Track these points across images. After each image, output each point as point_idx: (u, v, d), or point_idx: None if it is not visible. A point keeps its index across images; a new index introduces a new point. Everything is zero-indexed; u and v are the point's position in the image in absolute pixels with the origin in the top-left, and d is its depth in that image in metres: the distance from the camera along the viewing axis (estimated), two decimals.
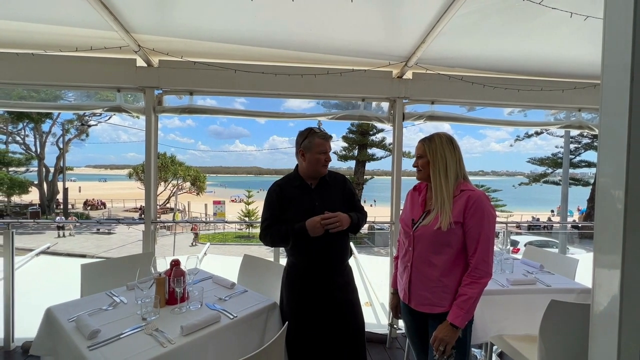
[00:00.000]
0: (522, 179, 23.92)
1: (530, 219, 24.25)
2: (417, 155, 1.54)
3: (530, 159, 20.98)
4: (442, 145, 1.46)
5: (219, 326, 1.50)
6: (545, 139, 54.84)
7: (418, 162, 1.53)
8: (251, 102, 28.95)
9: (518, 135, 20.51)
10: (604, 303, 0.72)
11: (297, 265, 1.76)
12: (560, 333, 1.65)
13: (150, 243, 2.64)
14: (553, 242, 13.04)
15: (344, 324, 1.72)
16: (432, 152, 1.46)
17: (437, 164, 1.44)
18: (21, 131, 22.27)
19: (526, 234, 16.00)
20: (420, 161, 1.52)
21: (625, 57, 0.70)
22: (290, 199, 1.76)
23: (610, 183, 0.72)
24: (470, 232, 1.36)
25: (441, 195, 1.41)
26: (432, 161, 1.46)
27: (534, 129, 17.94)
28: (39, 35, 2.30)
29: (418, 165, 1.53)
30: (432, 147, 1.47)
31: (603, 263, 0.73)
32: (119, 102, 2.69)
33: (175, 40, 2.40)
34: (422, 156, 1.51)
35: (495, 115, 3.20)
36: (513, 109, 3.73)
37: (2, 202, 23.56)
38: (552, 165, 20.44)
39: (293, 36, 2.39)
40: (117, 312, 1.59)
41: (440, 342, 1.36)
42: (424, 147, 1.50)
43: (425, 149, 1.49)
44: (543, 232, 17.84)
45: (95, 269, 2.12)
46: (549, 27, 2.20)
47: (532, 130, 19.51)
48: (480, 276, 1.35)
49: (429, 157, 1.47)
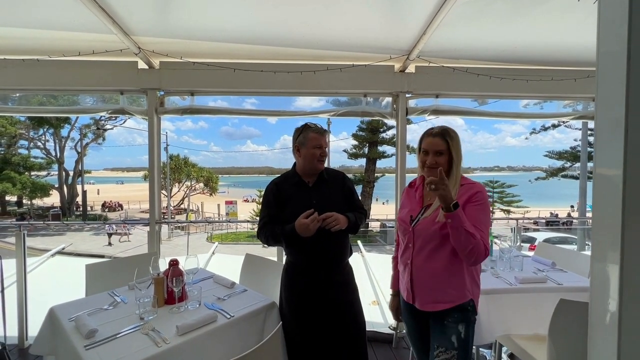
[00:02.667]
0: (539, 173, 23.20)
1: (549, 214, 23.49)
2: (437, 152, 1.38)
3: (548, 152, 20.31)
4: (459, 140, 1.41)
5: (216, 326, 1.49)
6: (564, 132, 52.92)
7: (437, 159, 1.37)
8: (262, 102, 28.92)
9: (534, 128, 19.84)
10: (602, 303, 0.67)
11: (295, 264, 1.74)
12: (570, 333, 1.57)
13: (155, 243, 2.67)
14: (572, 239, 12.59)
15: (343, 323, 1.69)
16: (456, 148, 1.37)
17: (459, 161, 1.37)
18: (42, 137, 23.16)
19: (544, 230, 15.53)
20: (441, 159, 1.38)
21: (622, 44, 0.64)
22: (287, 197, 1.74)
23: (607, 177, 0.67)
24: (470, 218, 1.31)
25: (455, 190, 1.36)
26: (457, 158, 1.37)
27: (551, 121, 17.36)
28: (42, 41, 2.36)
29: (436, 162, 1.37)
30: (455, 142, 1.38)
31: (601, 261, 0.68)
32: (122, 105, 2.73)
33: (174, 42, 2.42)
34: (443, 152, 1.38)
35: (507, 108, 3.09)
36: (529, 101, 3.58)
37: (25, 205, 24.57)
38: (570, 159, 19.71)
39: (291, 33, 2.36)
40: (116, 312, 1.61)
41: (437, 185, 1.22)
42: (447, 142, 1.37)
43: (449, 145, 1.37)
44: (562, 228, 17.26)
45: (99, 269, 2.16)
46: (558, 12, 2.10)
47: (549, 123, 18.87)
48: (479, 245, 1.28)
49: (454, 154, 1.37)
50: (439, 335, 1.41)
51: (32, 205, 23.94)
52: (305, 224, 1.54)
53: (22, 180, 20.30)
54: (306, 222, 1.54)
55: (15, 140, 22.04)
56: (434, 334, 1.44)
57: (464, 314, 1.40)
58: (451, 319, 1.39)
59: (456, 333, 1.38)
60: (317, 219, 1.55)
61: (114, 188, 57.94)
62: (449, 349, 1.35)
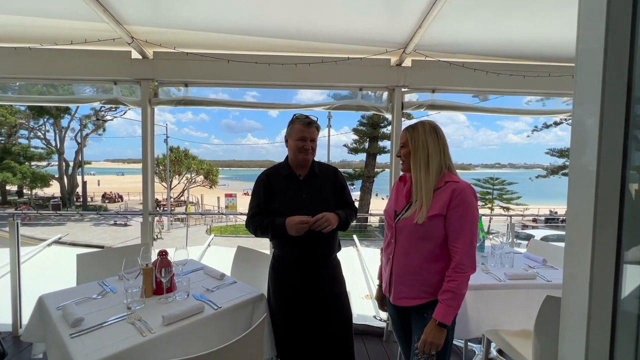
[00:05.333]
0: (540, 171, 23.16)
1: (548, 212, 23.51)
2: (400, 144, 1.47)
3: (550, 150, 20.23)
4: (425, 134, 1.37)
5: (202, 317, 1.50)
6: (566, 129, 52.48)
7: (401, 151, 1.46)
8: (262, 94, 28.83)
9: (536, 125, 19.75)
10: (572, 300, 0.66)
11: (282, 257, 1.74)
12: (556, 329, 1.57)
13: (148, 234, 2.68)
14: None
15: (331, 317, 1.70)
16: (415, 141, 1.38)
17: (418, 154, 1.37)
18: (42, 127, 23.11)
19: (543, 228, 15.55)
20: (403, 151, 1.45)
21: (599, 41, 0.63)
22: (276, 189, 1.73)
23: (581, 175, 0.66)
24: (452, 225, 1.30)
25: (420, 188, 1.35)
26: (414, 151, 1.38)
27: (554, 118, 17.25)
28: (34, 29, 2.33)
29: (401, 155, 1.46)
30: (415, 135, 1.39)
31: (573, 259, 0.67)
32: (116, 95, 2.72)
33: (167, 31, 2.39)
34: (404, 145, 1.44)
35: (509, 104, 3.06)
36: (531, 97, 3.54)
37: (26, 195, 24.64)
38: None
39: (285, 24, 2.33)
40: (104, 301, 1.62)
41: (431, 346, 1.31)
42: (407, 135, 1.42)
43: (407, 138, 1.41)
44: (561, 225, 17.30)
45: (90, 259, 2.17)
46: (556, 5, 2.06)
47: (551, 121, 18.78)
48: (465, 271, 1.29)
49: (411, 147, 1.39)
50: (419, 328, 1.41)
51: (33, 195, 23.99)
52: (296, 222, 1.56)
53: (23, 170, 20.33)
54: (297, 222, 1.56)
55: (15, 130, 22.01)
56: (415, 327, 1.45)
57: None
58: (431, 311, 1.39)
59: None
60: (307, 223, 1.56)
61: (114, 179, 58.01)
62: None
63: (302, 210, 1.65)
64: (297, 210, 1.64)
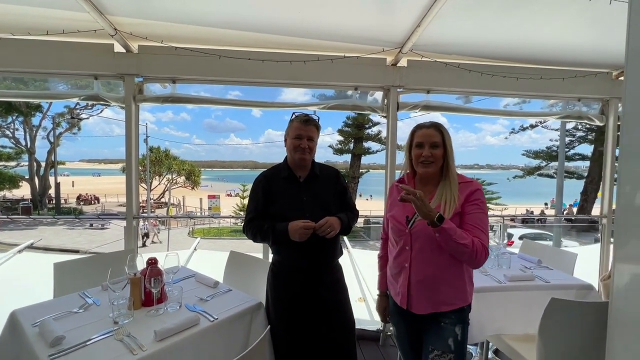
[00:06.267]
0: (517, 172, 24.01)
1: (525, 211, 24.38)
2: (432, 144, 1.34)
3: (526, 151, 21.03)
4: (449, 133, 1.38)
5: (198, 329, 1.38)
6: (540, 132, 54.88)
7: (433, 152, 1.33)
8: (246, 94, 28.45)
9: (513, 128, 20.54)
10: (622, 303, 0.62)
11: (283, 263, 1.65)
12: (561, 332, 1.56)
13: (132, 239, 2.51)
14: (547, 235, 13.11)
15: (333, 324, 1.62)
16: (449, 141, 1.35)
17: (452, 155, 1.35)
18: (10, 125, 21.78)
19: (520, 227, 16.08)
20: (436, 151, 1.34)
21: None
22: (276, 191, 1.65)
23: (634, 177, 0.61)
24: (469, 218, 1.28)
25: (453, 188, 1.32)
26: (451, 152, 1.35)
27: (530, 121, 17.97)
28: (5, 16, 2.13)
29: (432, 155, 1.33)
30: (448, 135, 1.36)
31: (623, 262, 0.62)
32: (97, 91, 2.53)
33: (154, 24, 2.24)
34: (438, 145, 1.34)
35: (492, 106, 3.09)
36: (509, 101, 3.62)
37: None
38: (546, 159, 20.55)
39: (281, 19, 2.24)
40: (87, 315, 1.48)
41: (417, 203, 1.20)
42: (442, 134, 1.35)
43: (443, 137, 1.35)
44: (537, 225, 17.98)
45: (69, 268, 2.00)
46: (554, 8, 2.08)
47: (527, 123, 19.54)
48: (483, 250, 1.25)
49: (448, 147, 1.34)
50: (435, 337, 1.35)
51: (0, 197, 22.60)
52: (299, 227, 1.48)
53: None
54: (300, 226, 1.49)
55: None
56: (428, 336, 1.38)
57: (461, 314, 1.36)
58: (448, 320, 1.34)
59: (453, 335, 1.33)
60: (310, 228, 1.49)
61: (90, 180, 55.56)
62: (446, 352, 1.30)
63: (303, 213, 1.57)
64: (297, 214, 1.56)
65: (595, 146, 18.87)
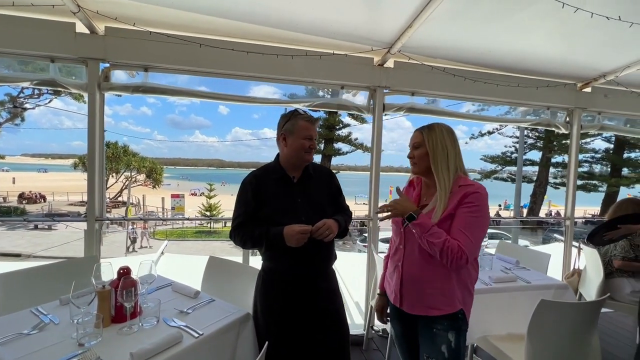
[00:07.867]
0: (475, 175, 25.57)
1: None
2: (414, 145, 1.39)
3: (484, 156, 22.46)
4: (443, 135, 1.33)
5: (181, 348, 1.22)
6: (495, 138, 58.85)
7: (414, 152, 1.38)
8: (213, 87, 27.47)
9: (472, 134, 21.76)
10: None
11: (275, 270, 1.53)
12: (550, 333, 1.60)
13: (95, 245, 2.23)
14: (502, 235, 14.03)
15: (328, 334, 1.53)
16: (433, 141, 1.32)
17: (438, 155, 1.31)
18: None
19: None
20: (417, 152, 1.37)
21: None
22: (268, 193, 1.52)
23: None
24: (456, 220, 1.24)
25: (443, 188, 1.28)
26: (433, 152, 1.32)
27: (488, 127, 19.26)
28: None
29: (414, 156, 1.38)
30: (433, 136, 1.33)
31: None
32: (53, 75, 2.22)
33: (126, 3, 2.00)
34: (419, 146, 1.36)
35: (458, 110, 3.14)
36: (470, 107, 3.82)
37: None
38: (502, 163, 22.12)
39: (270, 10, 2.10)
40: (44, 337, 1.25)
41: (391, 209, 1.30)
42: (422, 135, 1.36)
43: (424, 138, 1.35)
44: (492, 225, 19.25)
45: (18, 279, 1.71)
46: (536, 19, 2.15)
47: (485, 129, 20.95)
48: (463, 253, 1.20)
49: (429, 148, 1.33)
50: (429, 344, 1.34)
51: None
52: (295, 232, 1.38)
53: None
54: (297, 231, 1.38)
55: None
56: (423, 342, 1.37)
57: (453, 322, 1.33)
58: (440, 326, 1.32)
59: (446, 342, 1.31)
60: (307, 232, 1.40)
61: (34, 177, 50.49)
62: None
63: (297, 216, 1.47)
64: (291, 217, 1.45)
65: (544, 152, 20.67)
